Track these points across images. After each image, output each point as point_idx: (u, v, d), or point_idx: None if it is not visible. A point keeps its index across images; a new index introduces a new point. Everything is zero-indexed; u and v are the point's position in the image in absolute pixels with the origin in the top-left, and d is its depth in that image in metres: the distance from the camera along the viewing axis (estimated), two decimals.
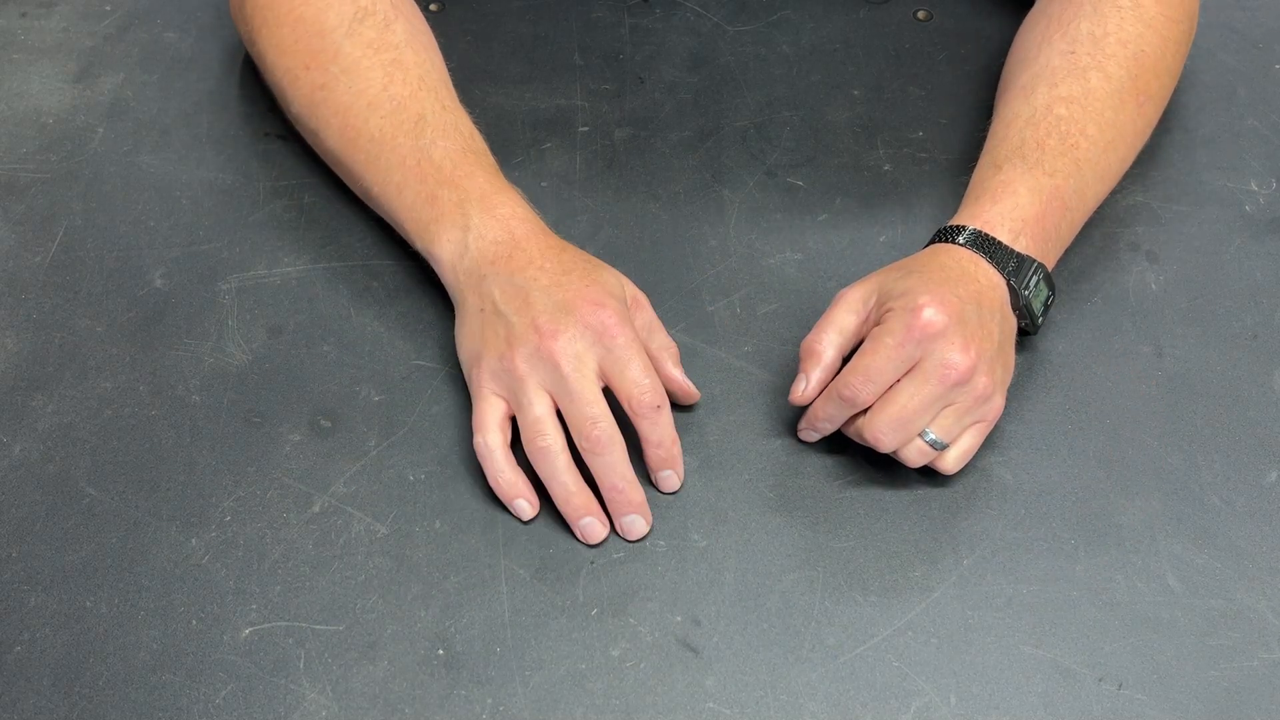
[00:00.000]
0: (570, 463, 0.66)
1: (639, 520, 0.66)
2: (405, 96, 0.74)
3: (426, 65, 0.76)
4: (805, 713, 0.61)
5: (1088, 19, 0.78)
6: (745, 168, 0.83)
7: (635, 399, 0.65)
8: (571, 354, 0.65)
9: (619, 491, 0.66)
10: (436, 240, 0.70)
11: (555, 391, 0.65)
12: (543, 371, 0.65)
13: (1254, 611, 0.65)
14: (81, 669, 0.62)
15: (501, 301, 0.67)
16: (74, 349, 0.73)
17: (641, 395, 0.65)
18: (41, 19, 0.92)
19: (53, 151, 0.83)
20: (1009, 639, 0.64)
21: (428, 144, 0.72)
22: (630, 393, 0.65)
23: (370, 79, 0.74)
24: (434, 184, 0.71)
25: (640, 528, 0.66)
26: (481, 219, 0.69)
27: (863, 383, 0.65)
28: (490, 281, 0.68)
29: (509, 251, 0.68)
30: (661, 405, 0.66)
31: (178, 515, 0.67)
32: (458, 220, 0.70)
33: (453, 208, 0.70)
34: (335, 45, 0.75)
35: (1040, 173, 0.72)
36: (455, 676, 0.62)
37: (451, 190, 0.71)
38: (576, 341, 0.65)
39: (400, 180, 0.72)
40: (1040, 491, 0.69)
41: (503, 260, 0.68)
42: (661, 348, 0.70)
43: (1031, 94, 0.76)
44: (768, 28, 0.92)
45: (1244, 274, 0.78)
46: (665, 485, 0.68)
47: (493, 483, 0.67)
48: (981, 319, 0.66)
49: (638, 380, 0.65)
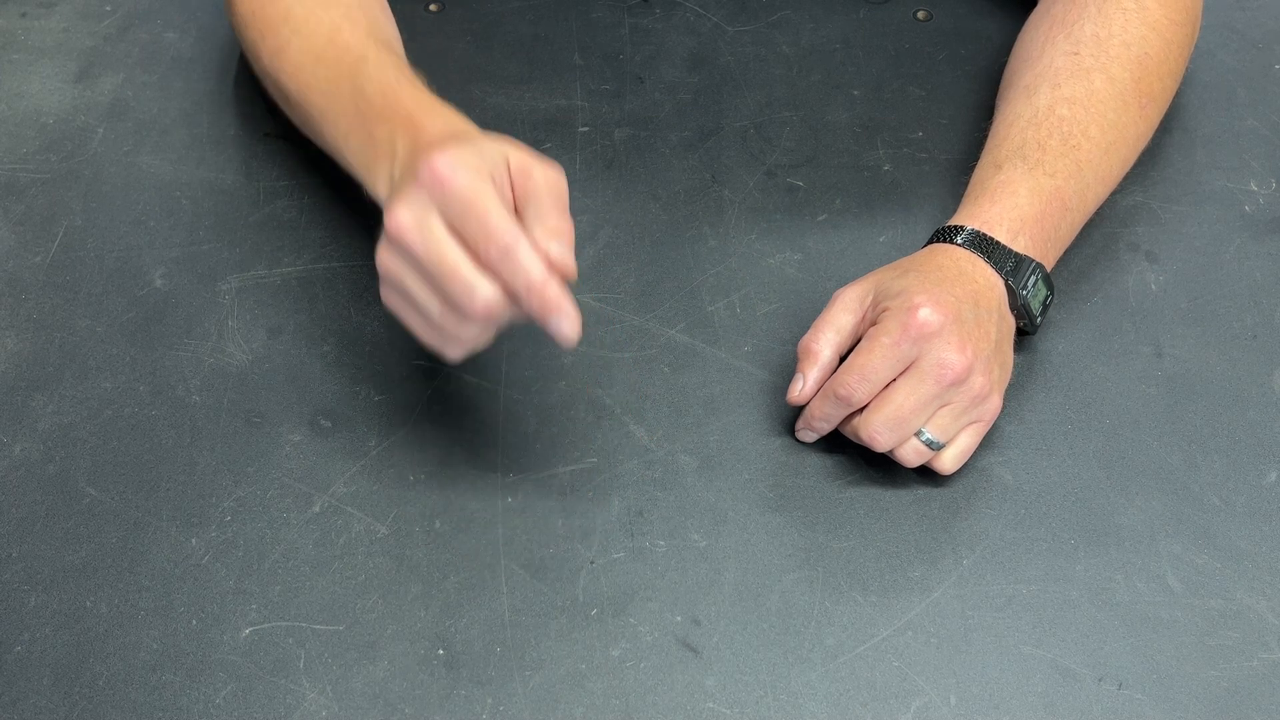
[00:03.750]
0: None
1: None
2: (351, 43, 0.71)
3: (376, 17, 0.75)
4: (805, 713, 0.61)
5: (1092, 20, 0.78)
6: (745, 168, 0.83)
7: (482, 246, 0.57)
8: (413, 222, 0.58)
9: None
10: (377, 181, 0.65)
11: (420, 272, 0.59)
12: (401, 254, 0.59)
13: (1254, 611, 0.65)
14: (81, 669, 0.62)
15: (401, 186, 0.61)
16: (74, 349, 0.73)
17: (488, 239, 0.57)
18: (41, 19, 0.92)
19: (53, 151, 0.83)
20: (1009, 639, 0.64)
21: (364, 82, 0.69)
22: (475, 241, 0.57)
23: (318, 33, 0.73)
24: (371, 122, 0.67)
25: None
26: (402, 141, 0.64)
27: (858, 382, 0.65)
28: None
29: (410, 157, 0.62)
30: (512, 245, 0.57)
31: (178, 515, 0.67)
32: (388, 152, 0.65)
33: (385, 144, 0.65)
34: (286, 8, 0.75)
35: (1041, 173, 0.72)
36: (455, 676, 0.62)
37: (383, 125, 0.65)
38: (416, 206, 0.58)
39: (346, 128, 0.69)
40: (1040, 491, 0.69)
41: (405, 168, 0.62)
42: (553, 232, 0.60)
43: (1034, 94, 0.76)
44: (768, 28, 0.92)
45: (1244, 274, 0.78)
46: (560, 334, 0.58)
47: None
48: (978, 319, 0.66)
49: (482, 223, 0.57)
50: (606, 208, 0.81)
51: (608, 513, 0.68)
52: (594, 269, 0.77)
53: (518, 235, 0.57)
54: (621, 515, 0.68)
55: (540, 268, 0.57)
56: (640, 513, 0.68)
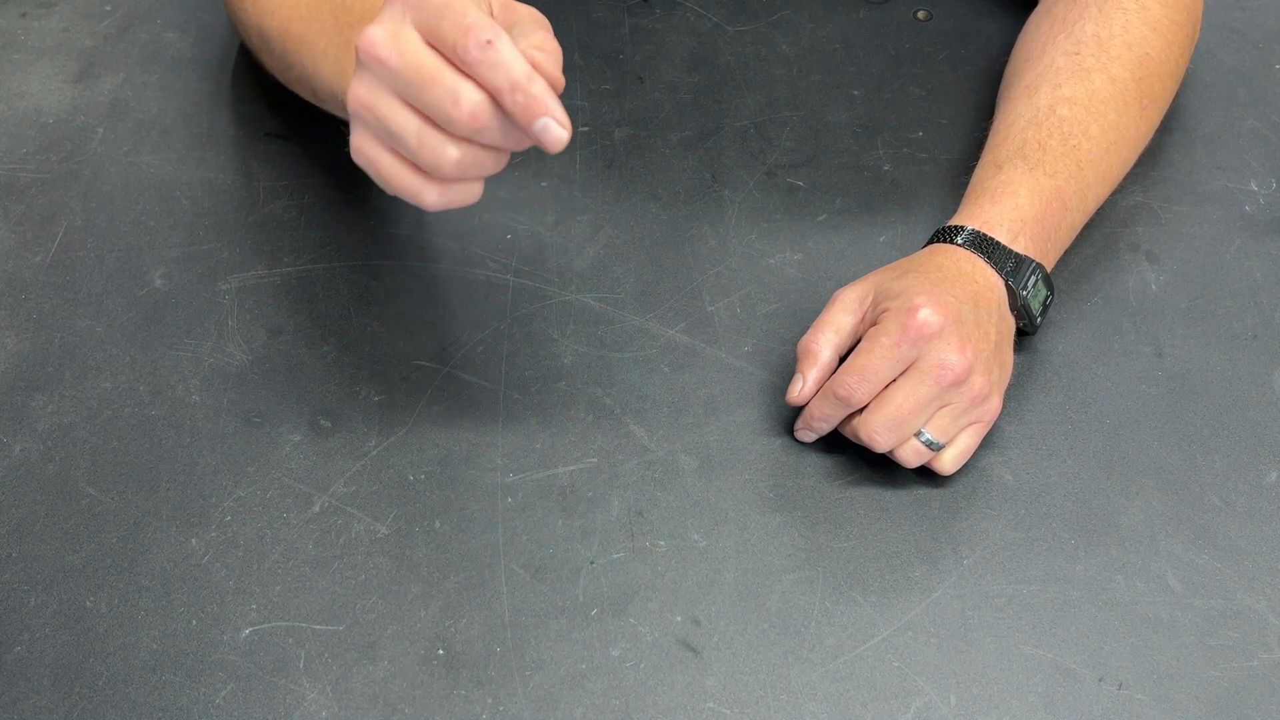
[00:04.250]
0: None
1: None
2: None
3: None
4: (805, 713, 0.61)
5: (1093, 20, 0.78)
6: (745, 168, 0.83)
7: (460, 43, 0.52)
8: (386, 38, 0.53)
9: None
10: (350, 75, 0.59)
11: (398, 89, 0.54)
12: (376, 79, 0.54)
13: (1254, 611, 0.65)
14: (81, 669, 0.62)
15: None
16: (74, 349, 0.73)
17: (465, 35, 0.52)
18: (41, 19, 0.92)
19: (53, 151, 0.83)
20: (1009, 639, 0.64)
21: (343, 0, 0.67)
22: (453, 41, 0.52)
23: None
24: (348, 28, 0.65)
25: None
26: None
27: (858, 382, 0.65)
28: None
29: None
30: (493, 39, 0.52)
31: (178, 515, 0.67)
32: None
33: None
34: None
35: (1042, 173, 0.72)
36: (455, 676, 0.62)
37: (362, 26, 0.59)
38: (389, 22, 0.54)
39: (325, 45, 0.67)
40: (1040, 491, 0.69)
41: None
42: (537, 47, 0.56)
43: (1035, 94, 0.76)
44: (768, 28, 0.92)
45: (1244, 274, 0.78)
46: (548, 138, 0.54)
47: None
48: (978, 319, 0.66)
49: (457, 20, 0.52)
50: (606, 208, 0.81)
51: (608, 513, 0.68)
52: (594, 269, 0.77)
53: (499, 30, 0.52)
54: (621, 515, 0.68)
55: (524, 64, 0.53)
56: (640, 513, 0.68)
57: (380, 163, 0.56)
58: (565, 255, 0.77)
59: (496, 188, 0.75)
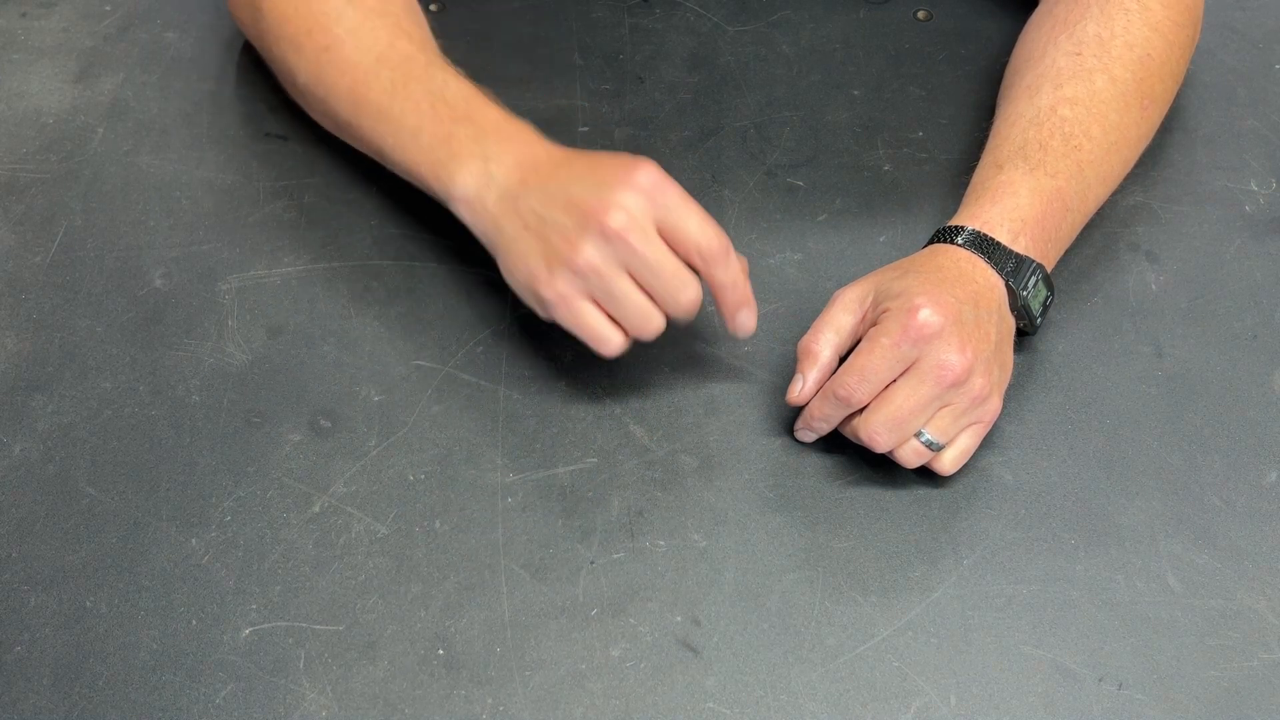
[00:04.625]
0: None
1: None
2: (412, 51, 0.74)
3: (426, 34, 0.77)
4: (805, 713, 0.61)
5: (1094, 21, 0.78)
6: (745, 168, 0.83)
7: (705, 248, 0.65)
8: (635, 224, 0.63)
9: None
10: (455, 177, 0.69)
11: (633, 269, 0.64)
12: (615, 254, 0.64)
13: (1254, 611, 0.65)
14: (81, 669, 0.62)
15: (545, 209, 0.66)
16: (74, 349, 0.73)
17: (710, 243, 0.65)
18: (41, 19, 0.92)
19: (53, 151, 0.83)
20: (1009, 639, 0.64)
21: (440, 86, 0.72)
22: (697, 243, 0.65)
23: (377, 37, 0.74)
24: (449, 122, 0.70)
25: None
26: (499, 148, 0.69)
27: (858, 382, 0.65)
28: (526, 198, 0.67)
29: (534, 168, 0.67)
30: (728, 248, 0.65)
31: (178, 515, 0.67)
32: (476, 152, 0.69)
33: (470, 142, 0.69)
34: (337, 10, 0.75)
35: (1042, 173, 0.72)
36: (455, 676, 0.62)
37: (467, 126, 0.70)
38: (634, 208, 0.64)
39: (415, 125, 0.72)
40: (1040, 491, 0.69)
41: (531, 175, 0.67)
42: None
43: (1036, 94, 0.76)
44: (768, 28, 0.92)
45: (1244, 274, 0.78)
46: (743, 327, 0.68)
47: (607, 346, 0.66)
48: (978, 319, 0.66)
49: (701, 229, 0.65)
50: None
51: (608, 513, 0.68)
52: None
53: (728, 242, 0.65)
54: (621, 515, 0.68)
55: (740, 271, 0.67)
56: (640, 513, 0.68)
57: (582, 311, 0.66)
58: None
59: None
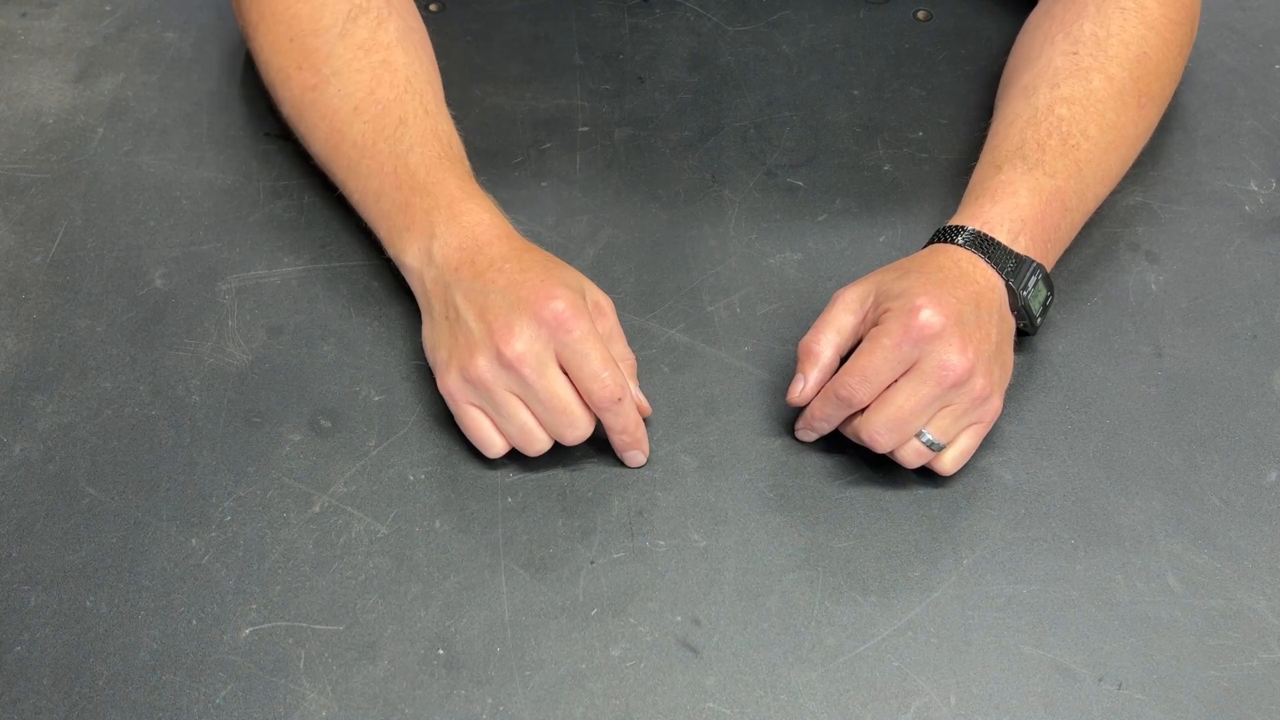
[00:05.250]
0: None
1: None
2: (390, 100, 0.74)
3: (415, 66, 0.76)
4: (805, 713, 0.61)
5: (1091, 20, 0.78)
6: (745, 168, 0.83)
7: (596, 394, 0.65)
8: (531, 356, 0.64)
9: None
10: (406, 248, 0.71)
11: (524, 396, 0.65)
12: (507, 379, 0.65)
13: (1254, 611, 0.65)
14: (81, 669, 0.62)
15: (463, 308, 0.67)
16: (74, 349, 0.73)
17: (603, 390, 0.65)
18: (41, 19, 0.92)
19: (53, 151, 0.83)
20: (1009, 639, 0.64)
21: (405, 150, 0.72)
22: (590, 388, 0.65)
23: (358, 82, 0.74)
24: (408, 191, 0.71)
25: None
26: (446, 227, 0.69)
27: (859, 383, 0.65)
28: (454, 289, 0.67)
29: (471, 257, 0.68)
30: (623, 397, 0.66)
31: (178, 515, 0.67)
32: (425, 228, 0.70)
33: (422, 215, 0.70)
34: (329, 46, 0.76)
35: (1041, 173, 0.72)
36: (455, 676, 0.62)
37: (423, 197, 0.70)
38: (534, 341, 0.64)
39: (378, 187, 0.72)
40: (1040, 491, 0.69)
41: (466, 266, 0.68)
42: (620, 358, 0.69)
43: (1033, 94, 0.76)
44: (768, 28, 0.92)
45: (1244, 274, 0.78)
46: (632, 463, 0.69)
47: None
48: (979, 320, 0.66)
49: (597, 374, 0.65)
50: (606, 208, 0.81)
51: (608, 513, 0.68)
52: (594, 269, 0.77)
53: (625, 386, 0.66)
54: (621, 515, 0.68)
55: (637, 416, 0.67)
56: (640, 513, 0.68)
57: (468, 414, 0.67)
58: (565, 255, 0.77)
59: (496, 188, 0.75)
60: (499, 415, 0.66)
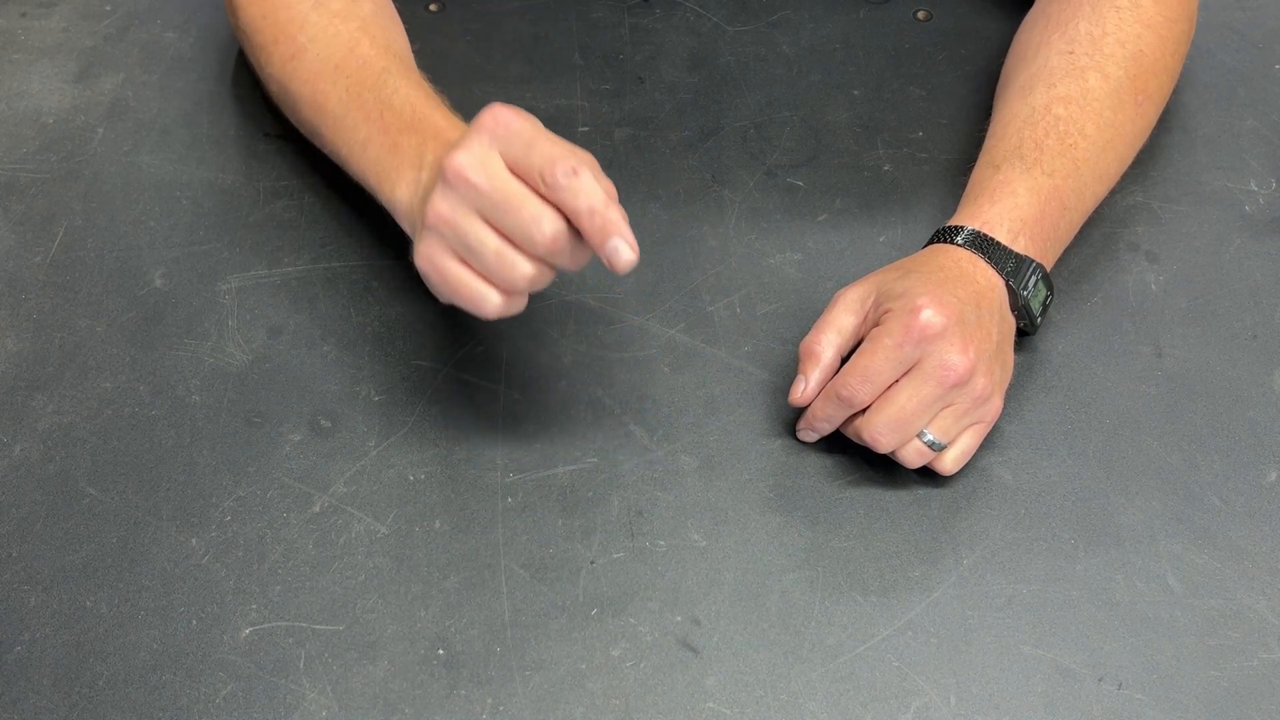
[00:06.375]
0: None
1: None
2: (371, 56, 0.73)
3: (392, 35, 0.76)
4: (805, 713, 0.61)
5: (1086, 19, 0.78)
6: (745, 168, 0.83)
7: (545, 171, 0.58)
8: (475, 162, 0.59)
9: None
10: (396, 187, 0.68)
11: (483, 212, 0.59)
12: (460, 197, 0.59)
13: (1254, 611, 0.65)
14: (81, 669, 0.62)
15: (428, 183, 0.64)
16: (74, 349, 0.73)
17: (552, 164, 0.57)
18: (41, 19, 0.92)
19: (53, 151, 0.83)
20: (1009, 639, 0.64)
21: (390, 93, 0.71)
22: (540, 166, 0.58)
23: (337, 43, 0.74)
24: (395, 132, 0.69)
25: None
26: (434, 155, 0.66)
27: (860, 383, 0.65)
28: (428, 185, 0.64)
29: None
30: (577, 169, 0.58)
31: (178, 515, 0.67)
32: (415, 161, 0.67)
33: (412, 152, 0.68)
34: (302, 15, 0.76)
35: (1039, 172, 0.72)
36: (455, 676, 0.62)
37: (411, 135, 0.68)
38: (475, 148, 0.59)
39: (365, 136, 0.71)
40: (1040, 491, 0.69)
41: None
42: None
43: (1030, 94, 0.76)
44: (768, 28, 0.92)
45: (1244, 274, 0.78)
46: (618, 259, 0.59)
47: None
48: (980, 320, 0.66)
49: (545, 150, 0.58)
50: None
51: (608, 513, 0.68)
52: (594, 269, 0.77)
53: (583, 161, 0.58)
54: (621, 515, 0.68)
55: (602, 192, 0.58)
56: (640, 513, 0.68)
57: (448, 270, 0.61)
58: None
59: None
60: (469, 250, 0.60)
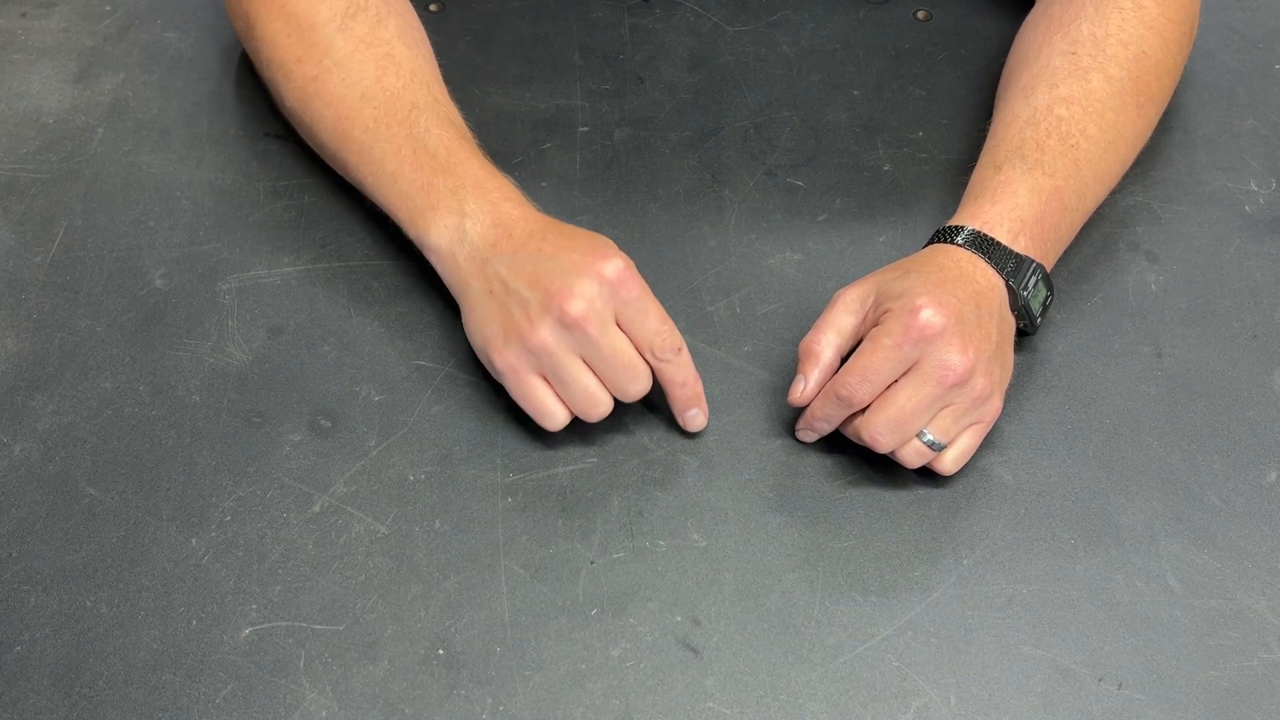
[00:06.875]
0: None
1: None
2: (399, 88, 0.74)
3: (418, 60, 0.77)
4: (805, 713, 0.61)
5: (1089, 20, 0.78)
6: (745, 168, 0.83)
7: (656, 345, 0.66)
8: (594, 314, 0.65)
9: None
10: (431, 227, 0.70)
11: (587, 356, 0.66)
12: (570, 339, 0.65)
13: (1254, 611, 0.65)
14: (81, 669, 0.62)
15: (511, 279, 0.67)
16: (74, 349, 0.73)
17: (663, 341, 0.66)
18: (41, 19, 0.92)
19: (53, 151, 0.83)
20: (1009, 639, 0.64)
21: (422, 132, 0.72)
22: (650, 340, 0.66)
23: (364, 71, 0.75)
24: (429, 171, 0.71)
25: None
26: (477, 204, 0.69)
27: (860, 383, 0.65)
28: (495, 263, 0.67)
29: (508, 232, 0.68)
30: (681, 347, 0.67)
31: (178, 515, 0.67)
32: (453, 206, 0.70)
33: (448, 194, 0.70)
34: (328, 39, 0.76)
35: (1040, 173, 0.72)
36: (455, 676, 0.62)
37: (446, 177, 0.71)
38: (595, 299, 0.65)
39: (395, 169, 0.72)
40: (1040, 491, 0.69)
41: (504, 240, 0.68)
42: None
43: (1032, 94, 0.76)
44: (768, 28, 0.92)
45: (1244, 274, 0.78)
46: (693, 424, 0.70)
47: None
48: (980, 320, 0.66)
49: (657, 328, 0.66)
50: (606, 208, 0.81)
51: (608, 513, 0.68)
52: None
53: (681, 340, 0.67)
54: (621, 515, 0.68)
55: (694, 369, 0.68)
56: (640, 513, 0.68)
57: (531, 385, 0.67)
58: None
59: None
60: (562, 381, 0.66)
